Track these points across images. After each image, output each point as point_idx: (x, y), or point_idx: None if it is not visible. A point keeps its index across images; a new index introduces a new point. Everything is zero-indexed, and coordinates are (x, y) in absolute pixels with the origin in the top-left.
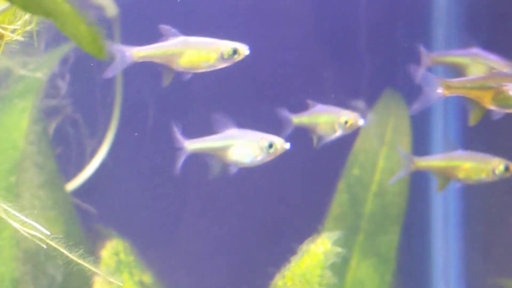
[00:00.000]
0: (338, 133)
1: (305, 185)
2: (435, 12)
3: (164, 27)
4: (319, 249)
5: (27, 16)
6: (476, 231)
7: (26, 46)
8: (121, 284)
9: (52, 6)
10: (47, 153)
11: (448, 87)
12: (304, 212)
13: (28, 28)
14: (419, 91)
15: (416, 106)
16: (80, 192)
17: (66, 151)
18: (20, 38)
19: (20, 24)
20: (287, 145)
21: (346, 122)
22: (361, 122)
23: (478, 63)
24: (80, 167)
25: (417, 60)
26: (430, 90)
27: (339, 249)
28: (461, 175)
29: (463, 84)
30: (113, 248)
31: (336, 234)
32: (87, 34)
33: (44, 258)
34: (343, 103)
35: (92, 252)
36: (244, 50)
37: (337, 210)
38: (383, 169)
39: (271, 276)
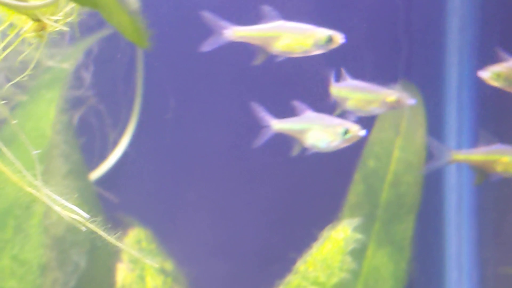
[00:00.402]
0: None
1: (324, 176)
2: (449, 3)
3: (266, 8)
4: (340, 235)
5: (68, 8)
6: (488, 221)
7: (52, 39)
8: (156, 265)
9: None
10: (73, 143)
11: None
12: (324, 201)
13: (69, 19)
14: (433, 82)
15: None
16: (103, 181)
17: (89, 141)
18: (64, 28)
19: (62, 15)
20: (363, 132)
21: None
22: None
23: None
24: (103, 157)
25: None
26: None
27: (359, 236)
28: (499, 168)
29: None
30: (135, 236)
31: (355, 221)
32: (130, 24)
33: (69, 245)
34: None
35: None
36: (339, 38)
37: (354, 199)
38: (399, 159)
39: (293, 262)
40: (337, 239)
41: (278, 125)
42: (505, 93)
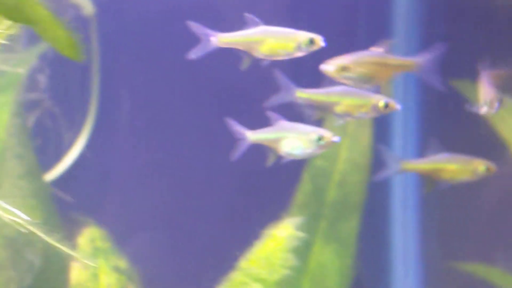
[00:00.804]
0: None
1: (272, 175)
2: (395, 6)
3: (248, 16)
4: (282, 233)
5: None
6: (432, 218)
7: (7, 44)
8: (95, 266)
9: (32, 14)
10: (27, 145)
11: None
12: (270, 200)
13: (10, 31)
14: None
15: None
16: (59, 182)
17: (45, 143)
18: (4, 42)
19: (3, 29)
20: (336, 138)
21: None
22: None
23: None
24: (58, 158)
25: None
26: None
27: (301, 234)
28: (446, 176)
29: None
30: (89, 235)
31: (298, 220)
32: (64, 39)
33: (22, 244)
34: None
35: (70, 239)
36: (319, 41)
37: (301, 198)
38: (345, 159)
39: (236, 258)
40: (279, 237)
41: (253, 136)
42: (448, 94)
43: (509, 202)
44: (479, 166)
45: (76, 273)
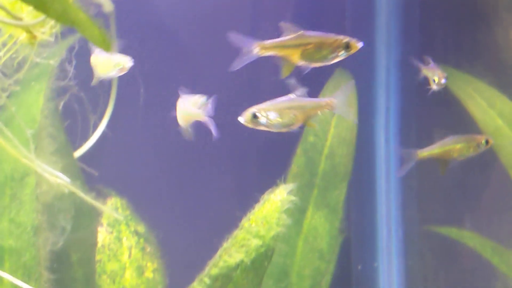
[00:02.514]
0: None
1: (270, 150)
2: (377, 5)
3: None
4: (277, 197)
5: (52, 22)
6: (412, 186)
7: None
8: (121, 218)
9: (74, 17)
10: (58, 126)
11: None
12: (269, 171)
13: (54, 30)
14: (364, 69)
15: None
16: (85, 158)
17: (73, 124)
18: (49, 38)
19: (48, 28)
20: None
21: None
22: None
23: None
24: (85, 138)
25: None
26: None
27: (293, 198)
28: (455, 155)
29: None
30: (112, 204)
31: (290, 186)
32: (99, 35)
33: (57, 211)
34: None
35: (95, 208)
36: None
37: (296, 170)
38: (333, 135)
39: (239, 219)
40: (275, 201)
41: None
42: (425, 79)
43: (473, 171)
44: (481, 140)
45: (102, 236)
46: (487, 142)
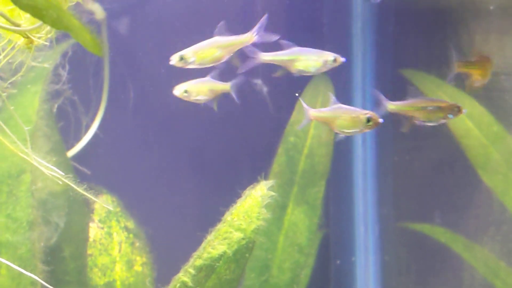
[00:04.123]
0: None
1: (253, 148)
2: (353, 10)
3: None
4: (258, 193)
5: (48, 28)
6: (388, 185)
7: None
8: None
9: (68, 23)
10: (53, 127)
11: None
12: (251, 169)
13: (49, 35)
14: (342, 74)
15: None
16: (78, 157)
17: (66, 125)
18: (45, 42)
19: (44, 33)
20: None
21: None
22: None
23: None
24: (77, 138)
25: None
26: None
27: (273, 193)
28: (423, 117)
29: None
30: (103, 201)
31: (270, 183)
32: (91, 40)
33: (51, 208)
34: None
35: (87, 204)
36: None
37: (277, 168)
38: (313, 135)
39: (222, 214)
40: (256, 196)
41: (265, 57)
42: (402, 83)
43: (444, 171)
44: (452, 108)
45: (93, 232)
46: (459, 109)
